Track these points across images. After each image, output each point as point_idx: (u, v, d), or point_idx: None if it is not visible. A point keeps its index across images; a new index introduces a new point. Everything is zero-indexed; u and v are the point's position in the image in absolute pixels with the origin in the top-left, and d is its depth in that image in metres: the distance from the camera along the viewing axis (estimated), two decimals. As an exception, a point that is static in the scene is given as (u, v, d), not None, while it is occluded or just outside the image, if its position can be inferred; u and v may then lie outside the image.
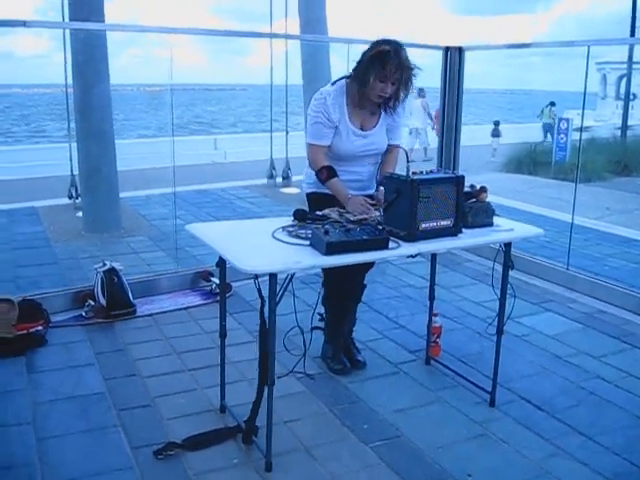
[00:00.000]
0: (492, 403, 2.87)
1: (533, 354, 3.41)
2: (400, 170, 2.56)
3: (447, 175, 2.46)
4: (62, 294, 3.90)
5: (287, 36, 7.39)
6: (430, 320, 3.24)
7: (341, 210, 2.74)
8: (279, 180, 8.64)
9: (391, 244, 2.31)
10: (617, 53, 24.24)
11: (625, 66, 24.63)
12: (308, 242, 2.31)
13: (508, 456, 2.51)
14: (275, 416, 2.39)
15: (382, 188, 2.65)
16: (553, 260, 4.70)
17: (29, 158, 11.57)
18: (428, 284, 3.26)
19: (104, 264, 3.82)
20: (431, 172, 2.48)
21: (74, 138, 6.19)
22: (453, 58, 5.06)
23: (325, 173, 2.85)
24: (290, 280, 2.30)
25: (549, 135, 15.51)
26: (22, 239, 5.77)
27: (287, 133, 8.47)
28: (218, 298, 4.08)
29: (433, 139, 12.88)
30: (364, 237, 2.25)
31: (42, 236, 5.91)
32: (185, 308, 3.97)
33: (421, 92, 13.45)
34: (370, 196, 2.90)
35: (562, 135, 12.38)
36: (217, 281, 4.17)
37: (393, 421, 2.72)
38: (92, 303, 3.75)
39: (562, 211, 8.60)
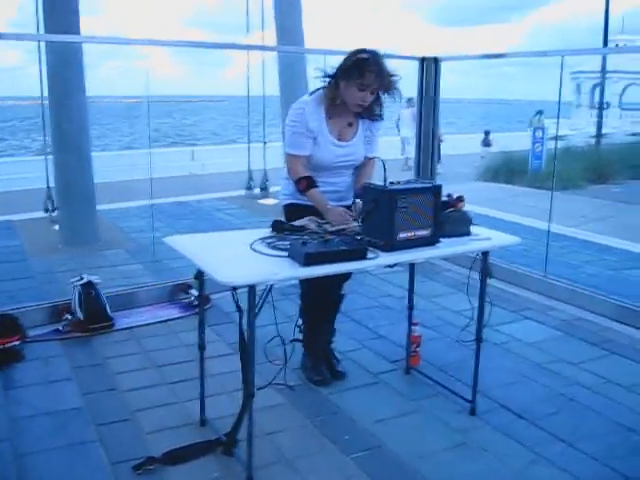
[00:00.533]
0: (472, 412, 2.87)
1: (512, 362, 3.44)
2: (378, 180, 2.57)
3: (424, 185, 2.47)
4: (39, 308, 3.85)
5: (263, 47, 7.40)
6: (410, 329, 3.25)
7: (319, 220, 2.74)
8: (257, 191, 8.63)
9: (369, 254, 2.31)
10: (591, 63, 24.65)
11: (599, 75, 25.11)
12: (286, 253, 2.31)
13: (489, 464, 2.52)
14: (256, 428, 2.38)
15: (358, 200, 2.66)
16: (531, 268, 4.74)
17: (4, 171, 11.42)
18: (407, 294, 3.27)
19: (81, 278, 3.79)
20: (409, 182, 2.50)
21: (50, 150, 6.15)
22: (429, 68, 5.10)
23: (304, 183, 2.85)
24: (269, 291, 2.30)
25: None
26: (-2, 253, 5.69)
27: (265, 144, 8.48)
28: (197, 310, 4.08)
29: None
30: (342, 247, 2.26)
31: (18, 250, 5.83)
32: (164, 321, 3.94)
33: (410, 102, 13.27)
34: (348, 207, 2.90)
35: (538, 144, 12.53)
36: (196, 293, 4.16)
37: (374, 431, 2.72)
38: (69, 317, 3.70)
39: (539, 219, 8.70)
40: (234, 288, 2.23)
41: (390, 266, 2.52)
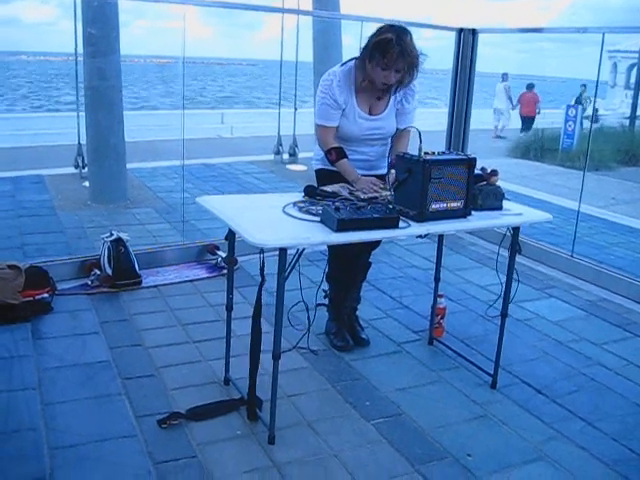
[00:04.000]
0: (493, 385, 2.89)
1: (535, 338, 3.43)
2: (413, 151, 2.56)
3: (459, 157, 2.45)
4: (68, 262, 3.92)
5: (299, 11, 7.31)
6: (435, 301, 3.25)
7: (350, 187, 2.74)
8: (285, 157, 8.61)
9: (401, 224, 2.31)
10: (629, 42, 24.01)
11: (636, 55, 24.45)
12: (318, 218, 2.31)
13: (508, 438, 2.53)
14: (279, 390, 2.42)
15: (393, 171, 2.65)
16: (558, 247, 4.70)
17: (36, 126, 11.52)
18: (432, 266, 3.27)
19: (111, 234, 3.83)
20: (443, 153, 2.48)
21: (82, 107, 6.18)
22: (466, 40, 5.02)
23: (334, 154, 2.86)
24: (299, 256, 2.31)
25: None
26: (28, 207, 5.76)
27: (295, 110, 8.42)
28: (223, 272, 4.13)
29: (515, 118, 15.52)
30: (375, 215, 2.26)
31: (48, 204, 5.90)
32: (190, 281, 3.98)
33: (504, 77, 15.42)
34: (379, 176, 2.91)
35: (570, 122, 12.30)
36: (223, 255, 4.20)
37: (395, 399, 2.74)
38: (98, 272, 3.76)
39: (568, 198, 8.60)
40: (261, 250, 2.25)
41: (420, 236, 2.51)
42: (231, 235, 2.60)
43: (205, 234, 4.86)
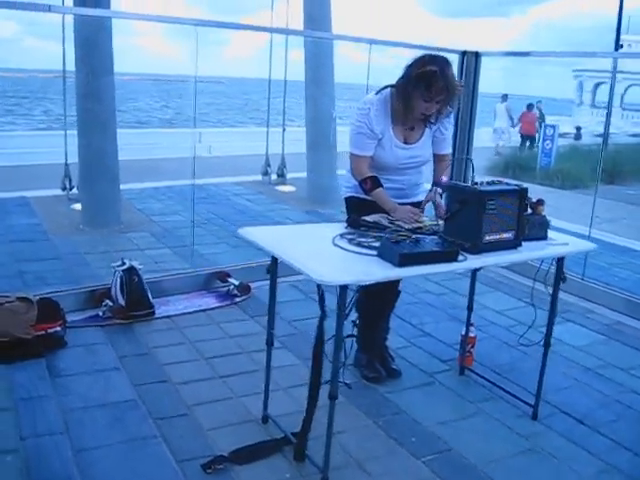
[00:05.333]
0: (534, 416, 2.84)
1: (563, 366, 3.39)
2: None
3: (511, 187, 2.41)
4: (76, 292, 3.76)
5: (288, 31, 7.25)
6: (468, 330, 3.20)
7: (390, 217, 2.68)
8: (274, 177, 8.51)
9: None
10: (594, 61, 24.64)
11: (602, 74, 25.13)
12: (373, 251, 2.24)
13: (560, 471, 2.48)
14: (320, 427, 2.33)
15: (438, 189, 2.61)
16: (567, 269, 4.68)
17: (12, 144, 11.23)
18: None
19: (123, 262, 3.69)
20: (492, 183, 2.43)
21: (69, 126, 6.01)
22: (469, 62, 5.04)
23: (370, 183, 2.79)
24: (358, 292, 2.22)
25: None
26: (19, 231, 5.56)
27: (284, 130, 8.35)
28: (236, 300, 4.03)
29: (515, 136, 16.36)
30: (435, 249, 2.19)
31: (39, 229, 5.70)
32: (203, 310, 3.86)
33: (504, 98, 16.38)
34: (413, 204, 2.87)
35: (548, 141, 12.49)
36: (235, 282, 4.09)
37: (440, 434, 2.67)
38: (110, 303, 3.61)
39: (554, 217, 8.69)
40: (319, 287, 2.16)
41: (477, 269, 2.45)
42: (273, 268, 2.50)
43: (209, 260, 4.75)
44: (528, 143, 15.92)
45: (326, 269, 2.08)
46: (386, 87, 2.84)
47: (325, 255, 2.24)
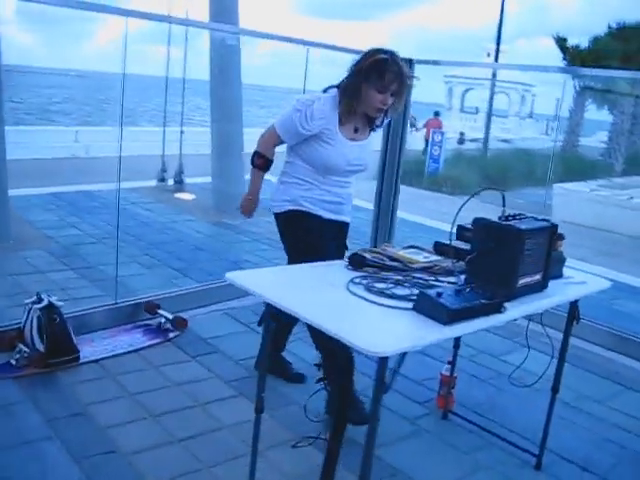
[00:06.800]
0: (538, 466, 2.61)
1: (538, 400, 3.20)
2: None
3: (545, 224, 2.13)
4: (-25, 335, 3.08)
5: (188, 22, 6.68)
6: (453, 369, 2.93)
7: (387, 250, 2.34)
8: (170, 183, 7.89)
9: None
10: (463, 68, 25.65)
11: (470, 81, 26.27)
12: (402, 303, 1.87)
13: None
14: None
15: None
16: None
17: None
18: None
19: (40, 299, 3.06)
20: (518, 217, 2.14)
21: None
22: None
23: (262, 161, 2.77)
24: (402, 361, 1.84)
25: None
26: None
27: (182, 133, 7.76)
28: (170, 336, 3.51)
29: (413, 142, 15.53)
30: (482, 301, 1.86)
31: None
32: (135, 350, 3.30)
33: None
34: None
35: (436, 147, 12.70)
36: (169, 316, 3.56)
37: (450, 499, 2.36)
38: (24, 349, 2.98)
39: (448, 223, 8.73)
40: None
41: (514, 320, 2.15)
42: (274, 316, 2.06)
43: (126, 286, 4.15)
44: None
45: (366, 333, 1.69)
46: (331, 87, 2.68)
47: (350, 310, 1.84)
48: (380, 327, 1.76)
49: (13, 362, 2.95)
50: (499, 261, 2.02)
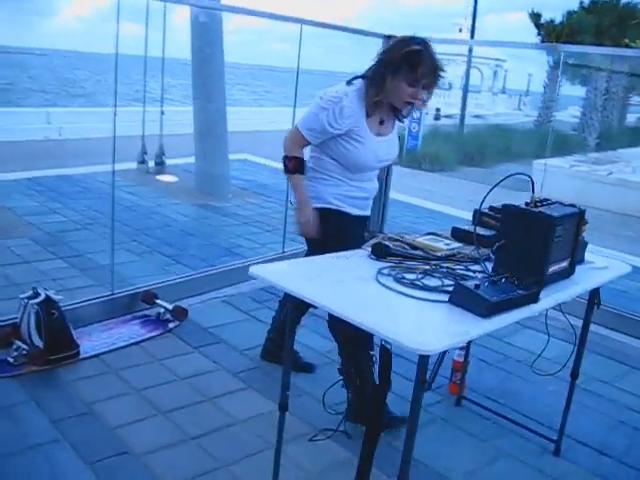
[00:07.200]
0: (556, 452, 2.59)
1: (547, 382, 3.17)
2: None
3: (574, 210, 2.07)
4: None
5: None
6: (467, 355, 2.88)
7: (402, 239, 2.27)
8: (151, 165, 7.69)
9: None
10: (435, 44, 25.47)
11: (442, 57, 26.07)
12: (432, 294, 1.81)
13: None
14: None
15: None
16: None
17: None
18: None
19: (35, 293, 2.93)
20: (546, 203, 2.08)
21: None
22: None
23: (294, 163, 2.54)
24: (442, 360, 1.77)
25: None
26: None
27: (162, 114, 7.55)
28: (170, 326, 3.40)
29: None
30: (519, 291, 1.80)
31: None
32: (136, 343, 3.20)
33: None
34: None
35: (414, 124, 12.61)
36: (168, 306, 3.46)
37: (474, 489, 2.32)
38: (22, 345, 2.85)
39: (435, 202, 8.71)
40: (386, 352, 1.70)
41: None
42: (294, 310, 1.98)
43: (118, 274, 3.99)
44: None
45: (406, 329, 1.62)
46: (355, 78, 2.51)
47: (384, 304, 1.77)
48: (418, 322, 1.70)
49: (11, 360, 2.82)
50: (529, 248, 1.95)
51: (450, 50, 23.41)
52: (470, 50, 20.38)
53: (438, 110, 20.03)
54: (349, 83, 2.50)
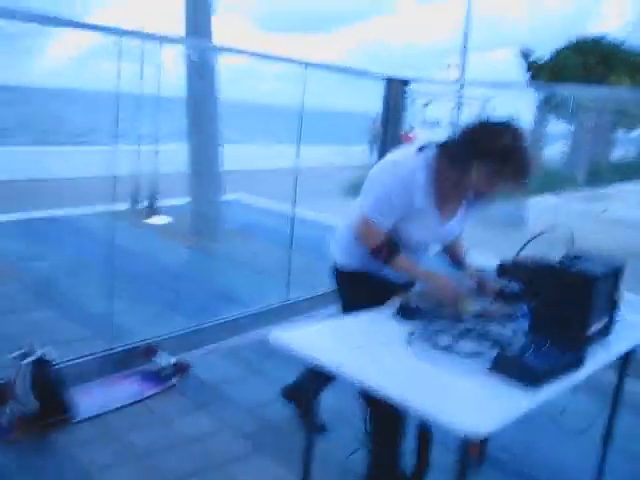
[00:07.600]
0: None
1: (558, 432, 3.04)
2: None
3: (613, 265, 1.96)
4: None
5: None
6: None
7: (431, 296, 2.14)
8: (143, 206, 7.53)
9: (576, 361, 1.75)
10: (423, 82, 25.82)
11: (430, 94, 26.37)
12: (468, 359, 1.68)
13: None
14: None
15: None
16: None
17: None
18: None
19: (30, 351, 2.75)
20: (576, 258, 1.96)
21: None
22: (396, 90, 4.69)
23: (385, 250, 2.18)
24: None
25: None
26: None
27: (157, 153, 7.44)
28: (172, 382, 3.22)
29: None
30: (565, 357, 1.67)
31: None
32: (138, 401, 3.02)
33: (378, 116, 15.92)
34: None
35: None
36: (171, 360, 3.30)
37: None
38: (15, 407, 2.67)
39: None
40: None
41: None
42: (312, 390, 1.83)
43: (117, 325, 3.83)
44: None
45: (453, 407, 1.49)
46: (426, 145, 2.16)
47: (421, 376, 1.64)
48: (463, 397, 1.56)
49: (3, 422, 2.64)
50: (566, 309, 1.84)
51: (438, 89, 23.72)
52: (462, 86, 20.53)
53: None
54: (419, 149, 2.16)
